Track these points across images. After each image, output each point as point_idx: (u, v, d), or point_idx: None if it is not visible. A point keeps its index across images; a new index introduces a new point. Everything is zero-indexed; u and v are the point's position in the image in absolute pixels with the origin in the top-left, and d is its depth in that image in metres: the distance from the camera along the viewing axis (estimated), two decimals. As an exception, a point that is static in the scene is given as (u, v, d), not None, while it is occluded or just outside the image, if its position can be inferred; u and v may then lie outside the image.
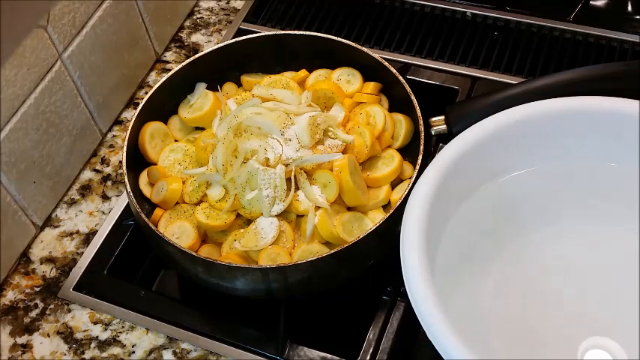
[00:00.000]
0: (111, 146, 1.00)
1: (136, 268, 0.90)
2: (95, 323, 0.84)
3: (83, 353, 0.82)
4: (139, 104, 0.86)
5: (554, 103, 0.78)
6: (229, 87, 0.93)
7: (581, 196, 0.81)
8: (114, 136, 1.01)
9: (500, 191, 0.80)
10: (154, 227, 0.77)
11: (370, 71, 0.89)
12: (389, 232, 0.77)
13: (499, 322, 0.75)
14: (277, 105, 0.85)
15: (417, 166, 0.78)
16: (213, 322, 0.82)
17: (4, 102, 0.81)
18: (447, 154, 0.76)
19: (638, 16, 1.09)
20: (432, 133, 0.84)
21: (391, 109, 0.89)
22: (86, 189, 0.96)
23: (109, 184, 0.96)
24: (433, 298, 0.65)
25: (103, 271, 0.87)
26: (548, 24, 1.06)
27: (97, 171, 0.98)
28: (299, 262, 0.73)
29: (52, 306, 0.86)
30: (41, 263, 0.89)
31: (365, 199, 0.81)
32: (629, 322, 0.74)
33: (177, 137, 0.90)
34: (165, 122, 0.90)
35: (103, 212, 0.93)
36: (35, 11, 0.46)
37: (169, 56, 1.10)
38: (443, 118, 0.84)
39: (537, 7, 1.08)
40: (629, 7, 1.10)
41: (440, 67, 1.02)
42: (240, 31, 1.10)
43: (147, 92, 0.87)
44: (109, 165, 0.98)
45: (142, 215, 0.78)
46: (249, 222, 0.80)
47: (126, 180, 0.81)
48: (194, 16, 1.14)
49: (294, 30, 1.02)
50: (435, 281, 0.68)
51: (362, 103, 0.87)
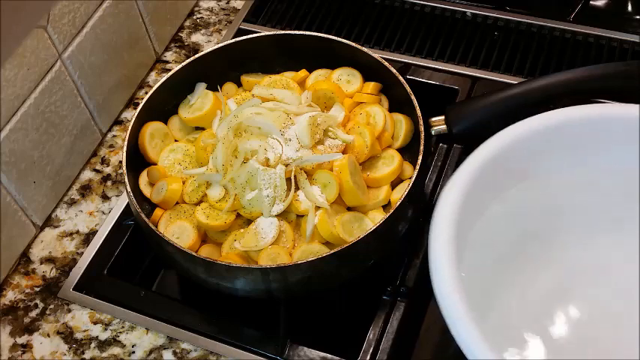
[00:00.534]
0: (111, 146, 1.00)
1: (136, 268, 0.91)
2: (95, 323, 0.84)
3: (83, 353, 0.82)
4: (139, 104, 0.86)
5: (589, 109, 0.77)
6: (229, 87, 0.93)
7: (607, 203, 0.79)
8: (114, 136, 1.01)
9: (527, 195, 0.79)
10: (153, 227, 0.77)
11: (370, 71, 0.89)
12: (389, 232, 0.77)
13: (526, 323, 0.74)
14: (277, 105, 0.85)
15: (417, 166, 0.78)
16: (213, 322, 0.82)
17: (4, 102, 0.81)
18: (482, 153, 0.75)
19: (638, 16, 1.09)
20: (432, 133, 0.84)
21: (391, 109, 0.89)
22: (86, 189, 0.96)
23: (109, 184, 0.96)
24: (460, 295, 0.65)
25: (102, 271, 0.87)
26: (548, 24, 1.06)
27: (97, 171, 0.98)
28: (299, 262, 0.73)
29: (52, 306, 0.86)
30: (41, 263, 0.89)
31: (365, 199, 0.81)
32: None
33: (177, 137, 0.90)
34: (165, 122, 0.90)
35: (103, 212, 0.93)
36: (35, 11, 0.46)
37: (169, 56, 1.10)
38: (443, 118, 0.84)
39: (537, 7, 1.08)
40: (629, 7, 1.10)
41: (440, 67, 1.02)
42: (240, 31, 1.10)
43: (147, 92, 0.87)
44: (109, 165, 0.98)
45: (142, 215, 0.78)
46: (249, 222, 0.80)
47: (126, 180, 0.81)
48: (194, 16, 1.14)
49: (294, 30, 1.02)
50: (463, 281, 0.67)
51: (362, 103, 0.87)
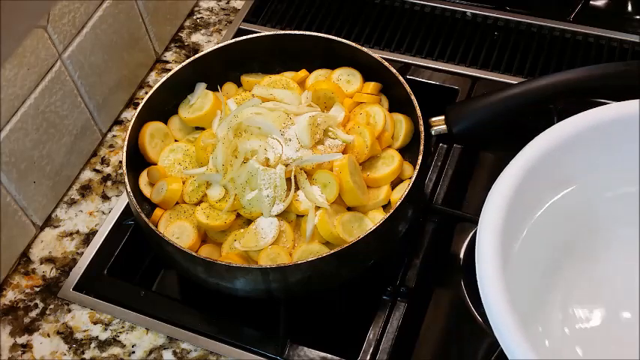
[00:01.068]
0: (111, 146, 1.00)
1: (136, 268, 0.90)
2: (95, 323, 0.84)
3: (83, 353, 0.82)
4: (139, 104, 0.86)
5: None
6: (229, 87, 0.93)
7: None
8: (114, 136, 1.01)
9: (573, 199, 0.77)
10: (153, 227, 0.77)
11: (370, 71, 0.89)
12: (389, 232, 0.77)
13: (571, 331, 0.74)
14: (277, 105, 0.85)
15: (417, 166, 0.78)
16: (213, 322, 0.82)
17: (4, 102, 0.81)
18: (529, 154, 0.74)
19: (638, 16, 1.09)
20: (432, 133, 0.84)
21: (391, 109, 0.89)
22: (86, 189, 0.96)
23: (109, 184, 0.96)
24: (505, 296, 0.64)
25: (102, 271, 0.87)
26: (548, 24, 1.06)
27: (97, 171, 0.98)
28: (299, 262, 0.73)
29: (52, 306, 0.86)
30: (41, 263, 0.89)
31: (365, 199, 0.81)
32: None
33: (177, 137, 0.90)
34: (165, 122, 0.90)
35: (103, 212, 0.93)
36: (35, 11, 0.46)
37: (169, 56, 1.10)
38: (443, 118, 0.84)
39: (537, 7, 1.08)
40: (629, 7, 1.10)
41: (440, 67, 1.02)
42: (240, 31, 1.10)
43: (147, 92, 0.87)
44: (109, 165, 0.98)
45: (142, 215, 0.78)
46: (249, 222, 0.80)
47: (126, 180, 0.81)
48: (194, 16, 1.14)
49: (294, 30, 1.02)
50: (508, 286, 0.66)
51: (362, 103, 0.87)
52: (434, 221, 0.88)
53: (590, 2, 1.10)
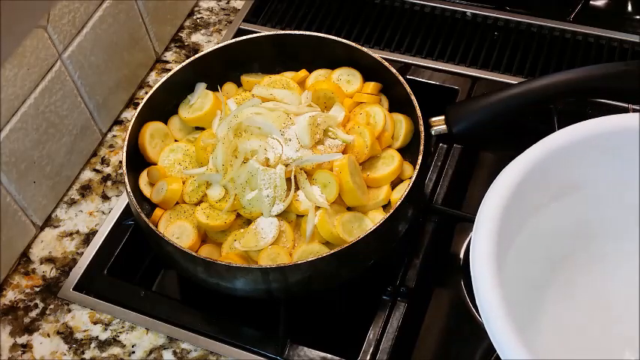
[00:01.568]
0: (111, 146, 1.00)
1: (136, 268, 0.90)
2: (95, 323, 0.84)
3: (83, 353, 0.82)
4: (139, 104, 0.86)
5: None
6: (229, 87, 0.93)
7: None
8: (114, 136, 1.01)
9: (571, 207, 0.77)
10: (153, 227, 0.77)
11: (370, 71, 0.89)
12: (389, 232, 0.77)
13: (563, 334, 0.74)
14: (277, 105, 0.85)
15: (417, 166, 0.78)
16: (213, 322, 0.82)
17: (4, 102, 0.81)
18: (525, 160, 0.73)
19: (638, 16, 1.09)
20: (432, 133, 0.84)
21: (391, 109, 0.89)
22: (86, 189, 0.96)
23: (109, 184, 0.96)
24: (499, 296, 0.64)
25: (102, 271, 0.87)
26: (548, 24, 1.06)
27: (97, 171, 0.98)
28: (299, 262, 0.73)
29: (52, 306, 0.86)
30: (41, 263, 0.89)
31: (365, 199, 0.81)
32: None
33: (177, 137, 0.90)
34: (165, 122, 0.90)
35: (103, 212, 0.93)
36: (35, 11, 0.46)
37: (169, 56, 1.10)
38: (443, 118, 0.84)
39: (537, 7, 1.08)
40: (629, 7, 1.10)
41: (440, 67, 1.02)
42: (240, 31, 1.10)
43: (147, 92, 0.87)
44: (109, 165, 0.98)
45: (142, 215, 0.78)
46: (249, 222, 0.80)
47: (126, 180, 0.81)
48: (194, 16, 1.15)
49: (294, 30, 1.02)
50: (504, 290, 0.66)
51: (362, 103, 0.87)
52: (434, 221, 0.88)
53: (590, 2, 1.10)
